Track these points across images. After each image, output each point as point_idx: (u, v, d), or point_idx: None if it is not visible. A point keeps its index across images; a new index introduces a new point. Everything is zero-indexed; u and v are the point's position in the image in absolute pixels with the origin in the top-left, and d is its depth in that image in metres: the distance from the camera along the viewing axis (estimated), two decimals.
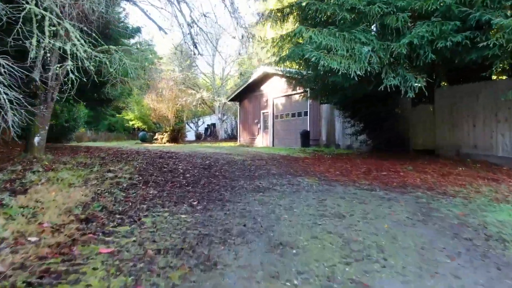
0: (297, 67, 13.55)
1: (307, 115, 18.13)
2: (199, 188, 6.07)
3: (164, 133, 25.58)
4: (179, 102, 27.93)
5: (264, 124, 22.02)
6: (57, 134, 18.50)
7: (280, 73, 19.16)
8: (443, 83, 12.27)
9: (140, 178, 6.64)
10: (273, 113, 21.00)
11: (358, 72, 7.45)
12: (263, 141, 22.00)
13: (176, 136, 25.81)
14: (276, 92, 20.50)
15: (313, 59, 7.56)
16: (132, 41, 17.97)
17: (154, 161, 9.54)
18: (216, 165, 9.09)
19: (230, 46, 50.05)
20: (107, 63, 6.38)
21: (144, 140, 28.13)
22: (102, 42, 6.72)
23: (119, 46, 8.14)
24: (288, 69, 15.08)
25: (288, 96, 19.65)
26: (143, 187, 5.86)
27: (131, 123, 27.36)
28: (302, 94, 17.66)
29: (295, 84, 14.51)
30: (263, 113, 21.94)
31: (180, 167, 8.67)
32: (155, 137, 26.12)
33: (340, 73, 7.58)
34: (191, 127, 40.03)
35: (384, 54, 7.62)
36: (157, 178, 6.84)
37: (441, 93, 11.24)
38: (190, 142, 30.45)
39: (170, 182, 6.54)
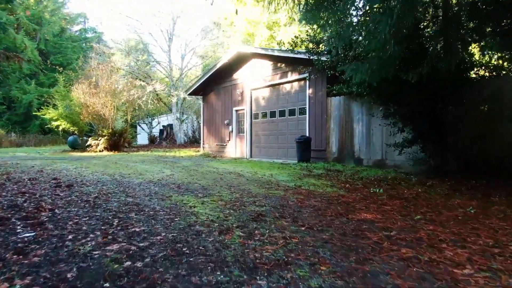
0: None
1: (304, 113, 12.31)
2: None
3: (100, 138, 18.82)
4: (123, 97, 21.24)
5: (238, 126, 15.97)
6: None
7: (263, 52, 13.24)
8: None
9: None
10: (251, 111, 15.01)
11: None
12: (236, 149, 15.94)
13: (118, 141, 19.12)
14: (255, 81, 14.53)
15: None
16: None
17: None
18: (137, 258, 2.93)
19: (193, 28, 43.53)
20: None
21: (74, 146, 21.13)
22: None
23: None
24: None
25: (274, 86, 13.74)
26: None
27: (54, 124, 20.29)
28: (300, 80, 11.86)
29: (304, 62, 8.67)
30: (237, 110, 15.90)
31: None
32: (88, 142, 19.28)
33: None
34: (143, 129, 33.13)
35: None
36: None
37: None
38: (139, 148, 23.74)
39: None
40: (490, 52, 7.71)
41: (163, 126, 31.73)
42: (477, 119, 7.79)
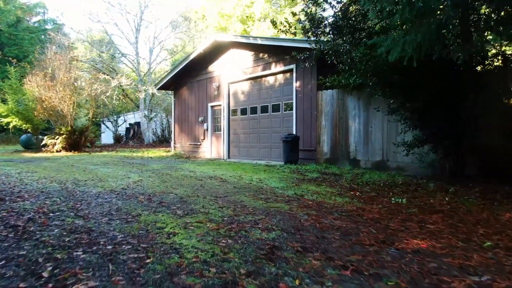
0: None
1: (291, 109, 11.03)
2: None
3: (57, 137, 16.75)
4: (85, 91, 19.19)
5: (214, 124, 14.49)
6: None
7: (244, 40, 11.93)
8: None
9: None
10: (228, 107, 13.58)
11: None
12: (212, 149, 14.45)
13: (78, 140, 17.10)
14: (234, 74, 13.12)
15: None
16: None
17: None
18: None
19: (162, 19, 41.35)
20: None
21: (28, 146, 18.87)
22: None
23: None
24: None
25: (255, 79, 12.39)
26: None
27: (4, 120, 17.93)
28: (285, 72, 10.63)
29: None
30: (213, 106, 14.43)
31: None
32: (44, 141, 17.14)
33: None
34: (108, 127, 30.85)
35: None
36: None
37: None
38: (103, 148, 21.68)
39: None
40: None
41: (130, 124, 29.59)
42: (505, 114, 6.79)
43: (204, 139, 14.80)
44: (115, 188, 5.83)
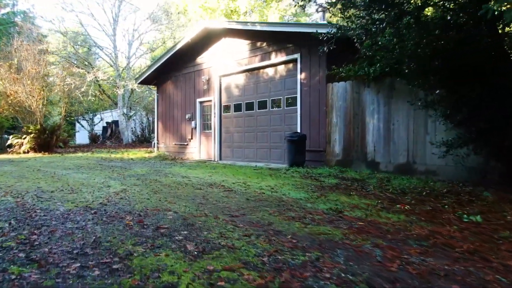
0: None
1: (294, 104, 9.75)
2: None
3: (24, 136, 14.92)
4: (57, 86, 17.38)
5: (203, 122, 13.05)
6: None
7: (240, 27, 10.62)
8: None
9: None
10: (220, 103, 12.18)
11: None
12: (201, 150, 13.02)
13: (49, 140, 15.29)
14: (227, 66, 11.73)
15: None
16: None
17: None
18: None
19: (142, 10, 39.37)
20: None
21: None
22: None
23: None
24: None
25: (251, 71, 11.05)
26: None
27: None
28: (288, 62, 9.40)
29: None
30: (202, 102, 12.99)
31: None
32: (9, 141, 15.26)
33: None
34: (83, 126, 28.81)
35: None
36: None
37: None
38: (78, 148, 19.81)
39: None
40: None
41: (107, 123, 27.65)
42: None
43: (191, 138, 13.34)
44: (91, 202, 4.39)
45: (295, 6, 6.91)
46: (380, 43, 5.87)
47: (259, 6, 30.55)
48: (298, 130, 9.43)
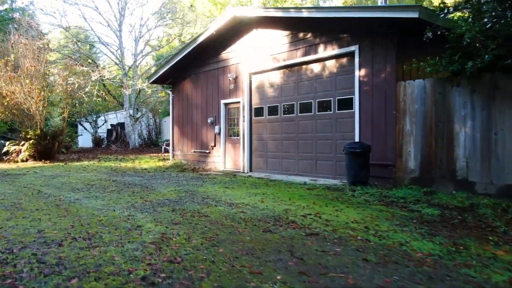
0: None
1: (350, 107, 8.03)
2: None
3: (23, 142, 13.21)
4: (60, 86, 15.67)
5: (228, 127, 11.32)
6: None
7: (280, 14, 8.91)
8: None
9: None
10: (250, 105, 10.46)
11: None
12: (226, 159, 11.29)
13: (50, 147, 13.56)
14: (259, 62, 10.01)
15: None
16: None
17: None
18: None
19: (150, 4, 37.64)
20: None
21: None
22: None
23: None
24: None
25: (291, 67, 9.34)
26: None
27: None
28: (341, 56, 7.67)
29: None
30: (227, 104, 11.27)
31: None
32: (5, 148, 13.55)
33: None
34: (85, 128, 27.09)
35: None
36: None
37: None
38: (81, 154, 18.06)
39: None
40: None
41: (112, 125, 25.92)
42: None
43: (214, 145, 11.61)
44: (126, 275, 2.67)
45: None
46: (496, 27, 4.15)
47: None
48: (357, 139, 7.71)
